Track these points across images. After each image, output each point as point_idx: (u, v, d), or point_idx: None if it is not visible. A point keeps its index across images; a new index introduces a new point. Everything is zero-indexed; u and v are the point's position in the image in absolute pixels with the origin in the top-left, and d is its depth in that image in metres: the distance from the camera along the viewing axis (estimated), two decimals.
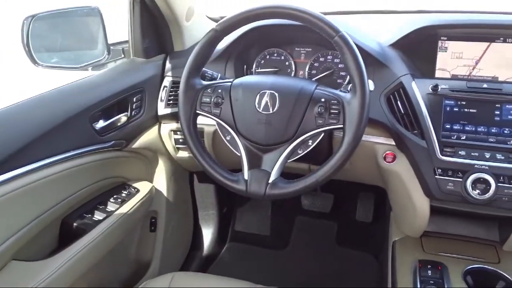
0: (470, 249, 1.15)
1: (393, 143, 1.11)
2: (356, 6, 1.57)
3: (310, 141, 0.96)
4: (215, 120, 1.01)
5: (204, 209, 1.84)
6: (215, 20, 1.52)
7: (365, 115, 0.89)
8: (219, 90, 1.00)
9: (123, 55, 1.41)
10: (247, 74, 1.30)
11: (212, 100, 0.99)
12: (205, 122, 1.17)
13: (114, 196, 1.26)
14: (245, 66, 1.30)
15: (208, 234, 1.85)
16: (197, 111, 1.01)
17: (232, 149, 1.00)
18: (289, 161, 0.96)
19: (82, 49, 1.38)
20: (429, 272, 1.07)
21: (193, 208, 1.78)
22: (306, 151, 0.97)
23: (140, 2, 1.27)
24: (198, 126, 1.04)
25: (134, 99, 1.24)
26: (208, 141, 1.30)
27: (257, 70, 1.30)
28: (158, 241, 1.49)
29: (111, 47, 1.35)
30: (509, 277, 1.06)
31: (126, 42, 1.36)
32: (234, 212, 1.99)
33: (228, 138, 1.01)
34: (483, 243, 1.18)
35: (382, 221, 1.60)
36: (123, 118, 1.23)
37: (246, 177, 0.96)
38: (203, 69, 1.05)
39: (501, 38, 1.11)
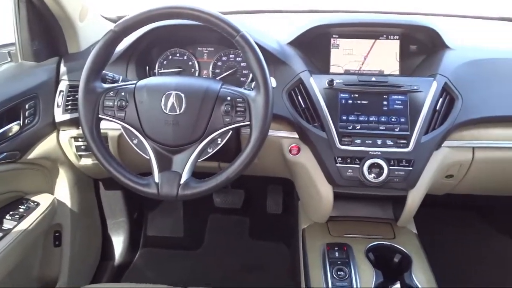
0: (370, 228, 1.26)
1: (297, 136, 1.17)
2: (256, 5, 1.62)
3: (219, 139, 0.98)
4: (120, 124, 0.97)
5: (113, 217, 1.77)
6: (112, 20, 1.47)
7: (270, 111, 0.93)
8: (122, 93, 0.97)
9: (9, 59, 1.29)
10: (150, 76, 1.27)
11: (116, 103, 0.96)
12: (109, 126, 1.12)
13: (11, 213, 1.16)
14: (147, 67, 1.28)
15: (119, 243, 1.79)
16: (100, 116, 0.97)
17: (140, 152, 0.98)
18: (199, 160, 0.97)
19: None
20: (336, 253, 1.16)
21: (101, 217, 1.70)
22: (215, 150, 0.98)
23: (26, 1, 1.18)
24: (101, 131, 1.00)
25: (27, 106, 1.15)
26: (113, 146, 1.25)
27: (160, 71, 1.29)
28: (65, 256, 1.40)
29: None
30: (403, 249, 1.18)
31: (13, 44, 1.25)
32: (145, 217, 1.95)
33: (135, 141, 0.98)
34: (380, 222, 1.30)
35: (292, 211, 1.68)
36: (15, 127, 1.13)
37: (157, 180, 0.95)
38: (103, 71, 1.01)
39: (384, 35, 1.23)
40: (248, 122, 0.94)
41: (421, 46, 1.23)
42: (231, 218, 1.97)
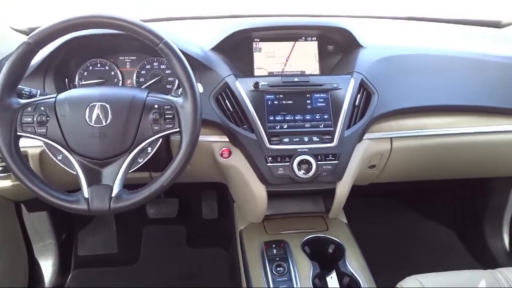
0: (304, 223, 1.31)
1: (227, 139, 1.19)
2: (178, 12, 1.61)
3: (149, 148, 0.96)
4: (42, 140, 0.92)
5: (39, 240, 1.66)
6: (24, 32, 1.38)
7: (199, 117, 0.93)
8: (42, 108, 0.92)
9: None
10: (70, 88, 1.22)
11: (35, 119, 0.91)
12: (28, 144, 1.06)
13: None
14: (66, 80, 1.22)
15: (47, 266, 1.68)
16: (18, 133, 0.91)
17: (66, 168, 0.94)
18: (130, 171, 0.95)
19: None
20: (274, 250, 1.19)
21: (26, 241, 1.59)
22: (146, 159, 0.97)
23: None
24: (21, 149, 0.94)
25: None
26: (34, 164, 1.18)
27: (80, 83, 1.24)
28: None
29: None
30: (336, 240, 1.24)
31: None
32: (75, 237, 1.85)
33: (59, 157, 0.94)
34: (313, 216, 1.35)
35: (227, 214, 1.69)
36: None
37: (86, 195, 0.91)
38: (19, 86, 0.95)
39: (303, 37, 1.28)
40: (178, 129, 0.94)
41: (337, 46, 1.30)
42: (167, 228, 1.94)
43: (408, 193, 2.04)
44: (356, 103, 1.18)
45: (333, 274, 1.12)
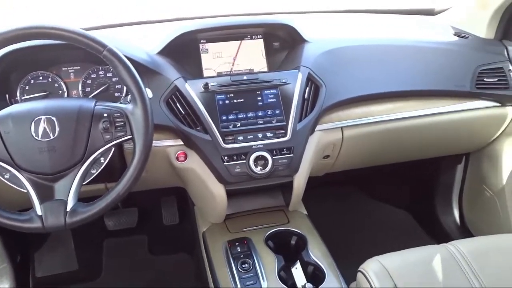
0: (266, 218, 1.33)
1: (182, 143, 1.18)
2: (120, 19, 1.58)
3: (102, 158, 0.95)
4: None
5: None
6: None
7: (150, 122, 0.92)
8: None
9: None
10: (11, 104, 1.17)
11: None
12: None
13: None
14: (7, 95, 1.17)
15: None
16: None
17: (15, 187, 0.90)
18: (84, 183, 0.93)
19: None
20: (238, 248, 1.20)
21: None
22: (100, 170, 0.95)
23: None
24: None
25: None
26: None
27: (22, 98, 1.19)
28: None
29: None
30: (298, 231, 1.27)
31: None
32: (31, 258, 1.77)
33: (6, 176, 0.90)
34: (274, 210, 1.37)
35: (188, 218, 1.68)
36: None
37: (39, 212, 0.88)
38: None
39: (249, 36, 1.29)
40: (130, 136, 0.92)
41: (283, 42, 1.32)
42: (128, 239, 1.90)
43: (363, 180, 2.11)
44: (306, 96, 1.20)
45: (298, 265, 1.14)
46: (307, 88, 1.21)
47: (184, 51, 1.25)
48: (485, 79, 1.38)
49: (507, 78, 1.40)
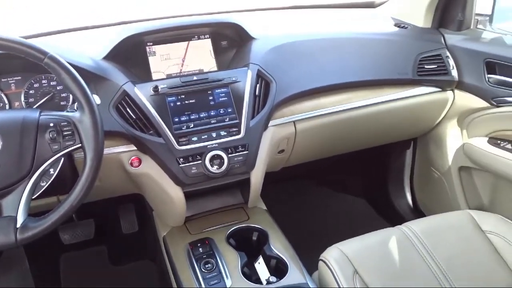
0: (226, 217, 1.33)
1: (135, 148, 1.16)
2: (62, 25, 1.53)
3: (51, 170, 0.92)
4: None
5: None
6: None
7: (100, 129, 0.90)
8: None
9: None
10: None
11: None
12: None
13: None
14: None
15: None
16: None
17: None
18: (34, 197, 0.89)
19: None
20: (200, 249, 1.19)
21: None
22: (50, 181, 0.92)
23: None
24: None
25: None
26: None
27: None
28: None
29: None
30: (258, 227, 1.28)
31: None
32: None
33: None
34: (234, 208, 1.37)
35: (148, 224, 1.65)
36: None
37: None
38: None
39: (196, 36, 1.29)
40: (80, 145, 0.90)
41: (231, 41, 1.32)
42: (87, 252, 1.84)
43: (320, 172, 2.16)
44: (257, 93, 1.22)
45: (260, 260, 1.16)
46: (258, 85, 1.22)
47: (131, 54, 1.22)
48: (425, 66, 1.45)
49: (446, 64, 1.47)
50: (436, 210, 1.32)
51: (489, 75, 1.39)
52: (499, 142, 1.36)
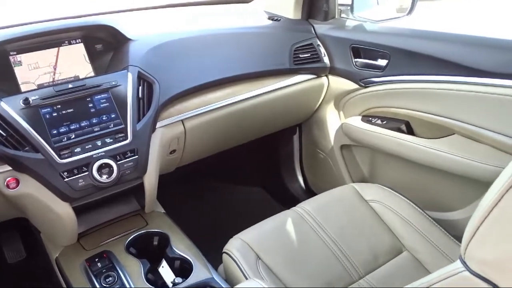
0: (123, 226, 1.28)
1: (10, 168, 1.06)
2: None
3: None
4: None
5: None
6: None
7: None
8: None
9: None
10: None
11: None
12: None
13: None
14: None
15: None
16: None
17: None
18: None
19: None
20: (99, 264, 1.13)
21: None
22: None
23: None
24: None
25: None
26: None
27: None
28: None
29: None
30: (159, 231, 1.26)
31: None
32: None
33: None
34: (131, 216, 1.33)
35: (37, 249, 1.52)
36: None
37: None
38: None
39: (66, 41, 1.21)
40: None
41: (106, 44, 1.27)
42: None
43: (215, 167, 2.18)
44: (140, 96, 1.19)
45: (164, 263, 1.14)
46: (140, 87, 1.19)
47: None
48: (300, 56, 1.55)
49: (318, 52, 1.58)
50: (326, 187, 1.42)
51: (355, 59, 1.53)
52: (370, 119, 1.51)
